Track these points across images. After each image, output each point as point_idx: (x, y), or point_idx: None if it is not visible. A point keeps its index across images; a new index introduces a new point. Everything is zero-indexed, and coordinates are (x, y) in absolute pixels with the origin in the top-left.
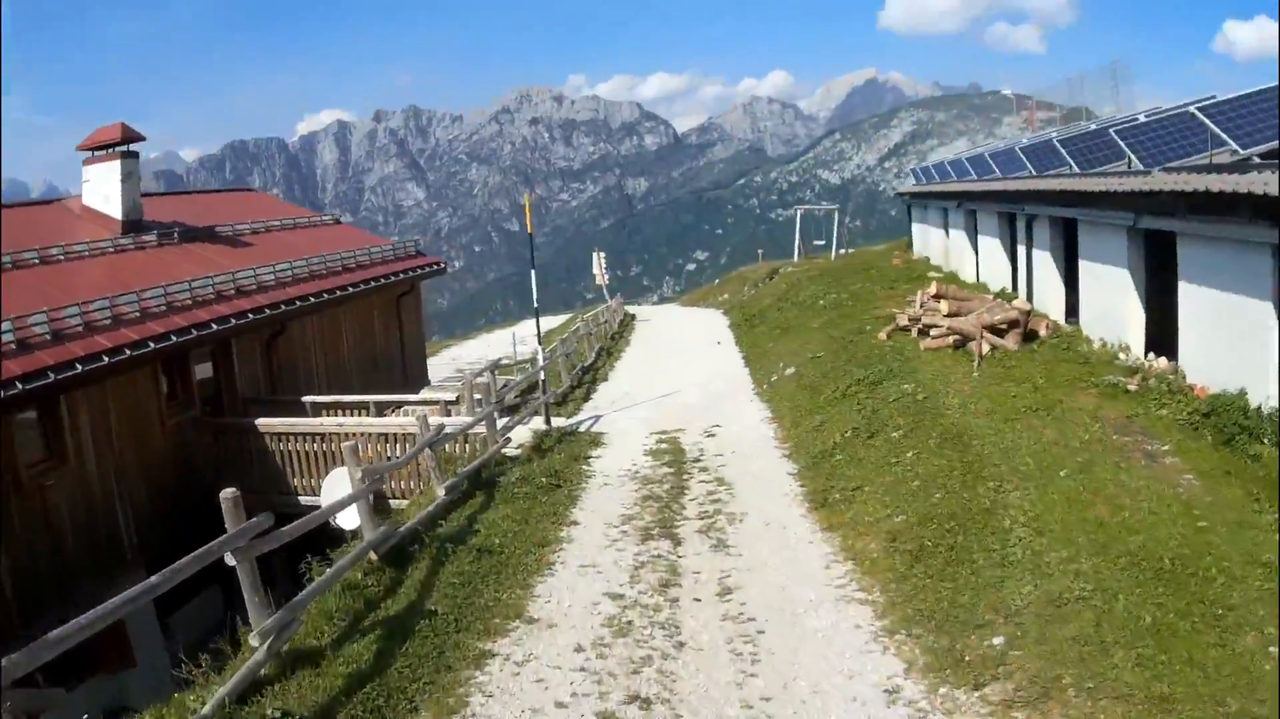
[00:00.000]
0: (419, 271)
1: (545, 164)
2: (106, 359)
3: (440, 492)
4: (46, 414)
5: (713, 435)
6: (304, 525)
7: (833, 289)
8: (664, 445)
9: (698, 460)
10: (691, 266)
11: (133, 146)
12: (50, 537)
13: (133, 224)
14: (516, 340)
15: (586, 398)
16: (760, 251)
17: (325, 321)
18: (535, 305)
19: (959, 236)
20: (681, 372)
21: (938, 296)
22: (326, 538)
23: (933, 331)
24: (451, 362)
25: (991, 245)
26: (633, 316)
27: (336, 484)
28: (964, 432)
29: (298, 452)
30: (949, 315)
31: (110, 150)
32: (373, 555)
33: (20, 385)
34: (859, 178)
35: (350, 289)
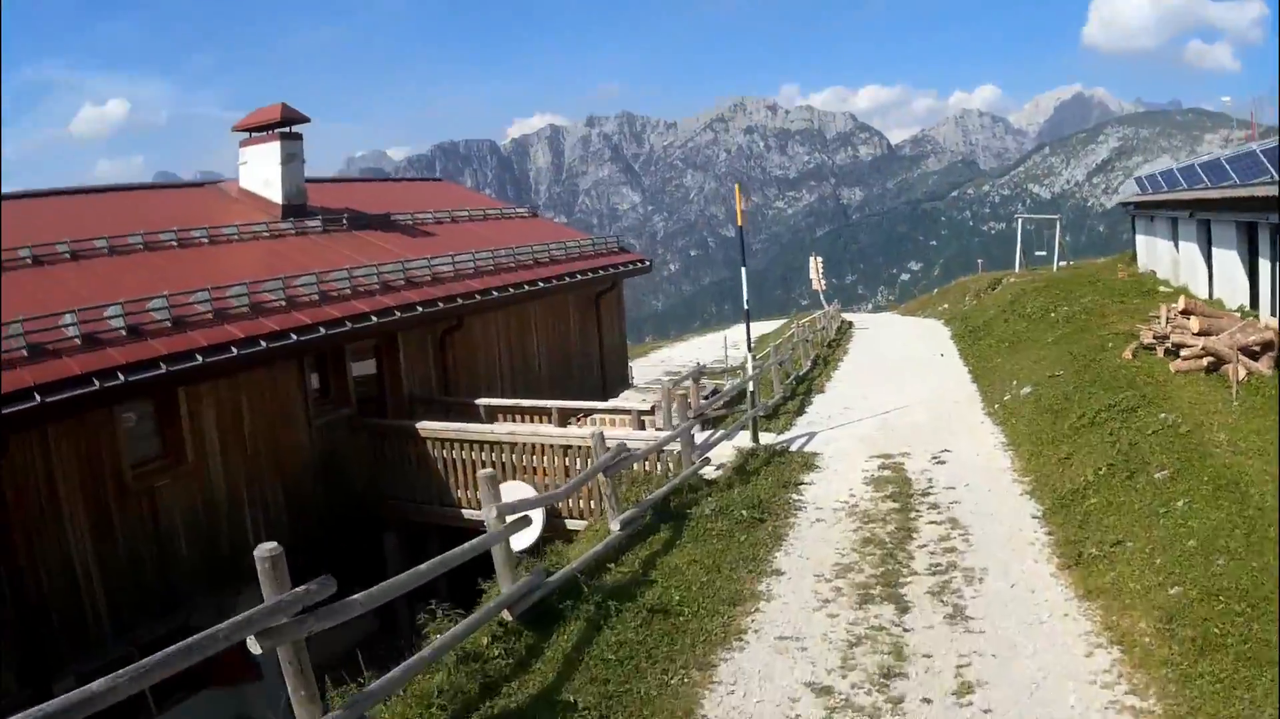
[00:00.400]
0: (620, 269)
1: (761, 172)
2: (236, 350)
3: (614, 526)
4: (161, 408)
5: (941, 462)
6: (434, 569)
7: (1061, 301)
8: (886, 472)
9: (926, 494)
10: (905, 277)
11: (296, 129)
12: (156, 543)
13: (294, 209)
14: (728, 344)
15: (800, 411)
16: (980, 261)
17: (512, 319)
18: (746, 306)
19: (1189, 249)
20: (904, 385)
21: (1186, 313)
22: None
23: (1183, 352)
24: (660, 364)
25: (1228, 258)
26: (850, 324)
27: (512, 497)
28: (1240, 477)
29: (463, 460)
30: (1199, 334)
31: (269, 131)
32: (506, 614)
33: (122, 377)
34: (1068, 193)
35: (540, 284)
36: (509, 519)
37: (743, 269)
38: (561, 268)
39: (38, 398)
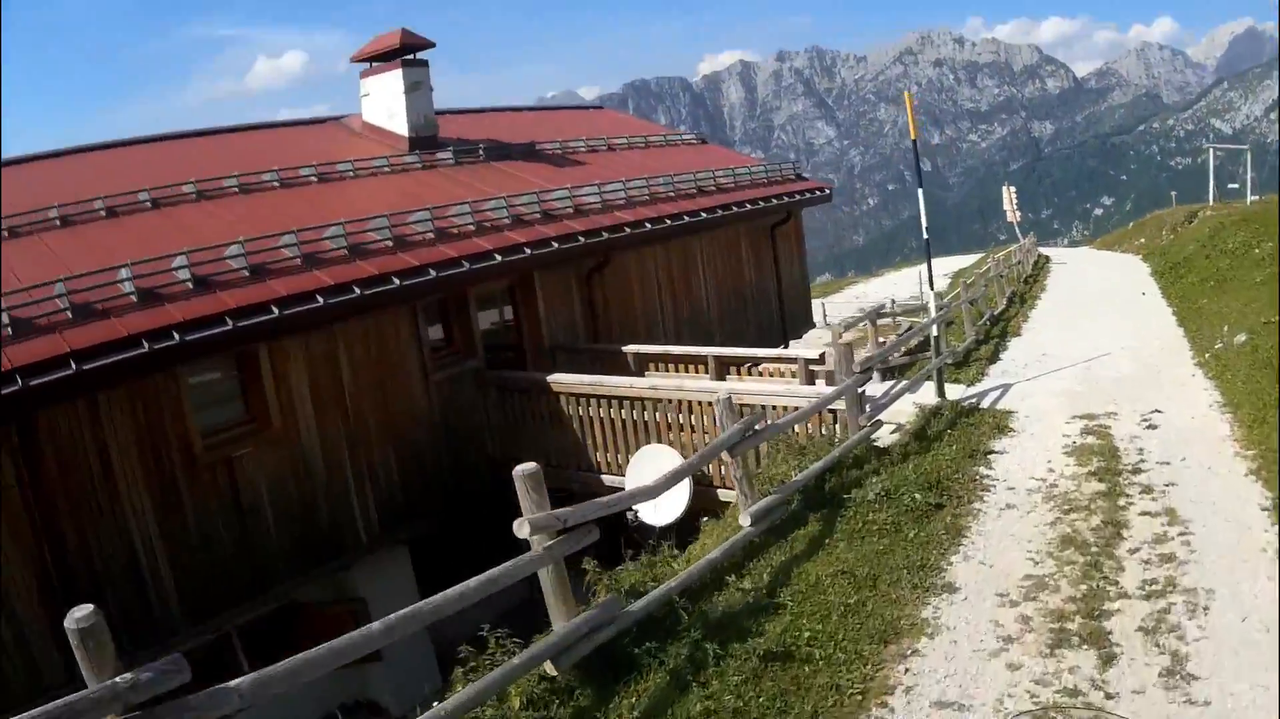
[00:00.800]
0: (798, 197)
1: (952, 105)
2: (322, 300)
3: (745, 521)
4: (241, 368)
5: (1153, 426)
6: (453, 603)
7: (1264, 236)
8: (1090, 439)
9: (1136, 471)
10: (1099, 211)
11: (421, 55)
12: (238, 520)
13: (423, 140)
14: (923, 279)
15: (994, 358)
16: (1173, 194)
17: (674, 255)
18: (925, 235)
19: None
20: (1106, 329)
21: None
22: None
23: None
24: (855, 300)
25: None
26: (1047, 259)
27: (645, 465)
28: None
29: (601, 418)
30: None
31: (390, 60)
32: (549, 667)
33: (178, 336)
34: (1249, 128)
35: (703, 215)
36: (553, 545)
37: (919, 191)
38: (728, 197)
39: (74, 365)
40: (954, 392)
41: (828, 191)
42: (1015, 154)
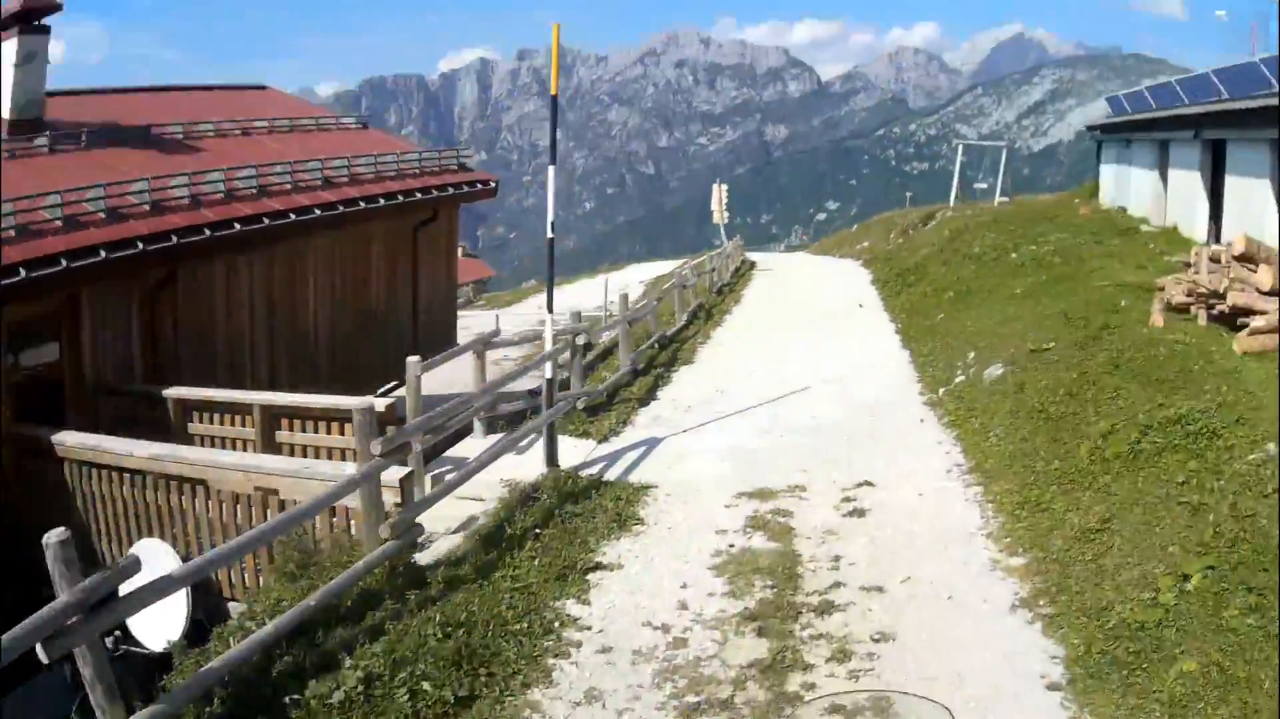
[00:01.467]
0: (450, 192)
1: (687, 107)
2: None
3: None
4: None
5: (860, 512)
6: None
7: (1021, 240)
8: (759, 541)
9: (825, 610)
10: (822, 216)
11: (48, 20)
12: None
13: (26, 124)
14: (608, 289)
15: (649, 396)
16: (909, 194)
17: (276, 263)
18: (550, 234)
19: (1186, 179)
20: (808, 353)
21: (1246, 258)
22: None
23: (1253, 322)
24: (538, 312)
25: (1253, 191)
26: (752, 264)
27: (145, 564)
28: None
29: (102, 494)
30: (1271, 294)
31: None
32: None
33: None
34: (996, 134)
35: (318, 212)
36: None
37: (550, 169)
38: (361, 190)
39: None
40: (577, 452)
41: (492, 185)
42: (744, 157)
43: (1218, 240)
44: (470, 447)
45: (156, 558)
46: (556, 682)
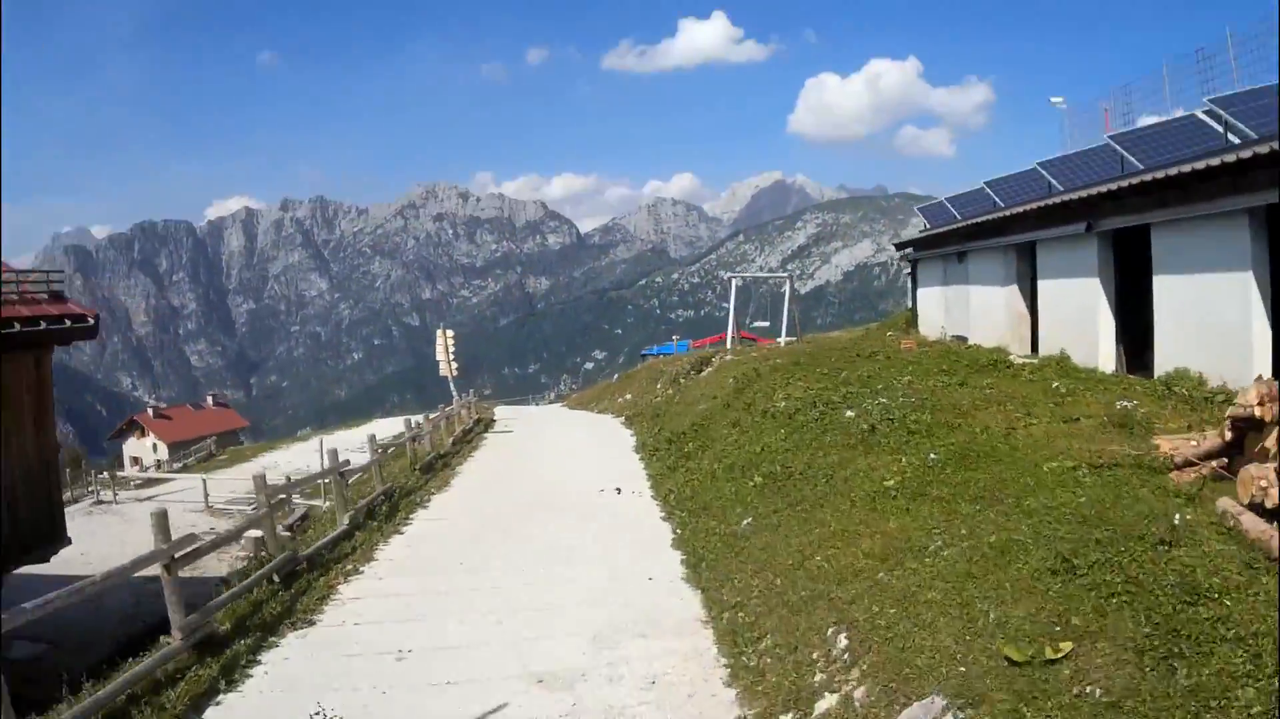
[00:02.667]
0: (44, 326)
1: (448, 260)
2: None
3: None
4: None
5: None
6: None
7: (848, 387)
8: None
9: None
10: (589, 365)
11: None
12: None
13: None
14: (324, 451)
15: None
16: (675, 337)
17: None
18: None
19: (1074, 292)
20: (526, 589)
21: None
22: None
23: None
24: (264, 469)
25: (1205, 293)
26: (490, 424)
27: None
28: None
29: None
30: None
31: None
32: None
33: None
34: (761, 279)
35: None
36: None
37: None
38: None
39: None
40: None
41: (91, 322)
42: (507, 309)
43: (1133, 369)
44: None
45: None
46: None
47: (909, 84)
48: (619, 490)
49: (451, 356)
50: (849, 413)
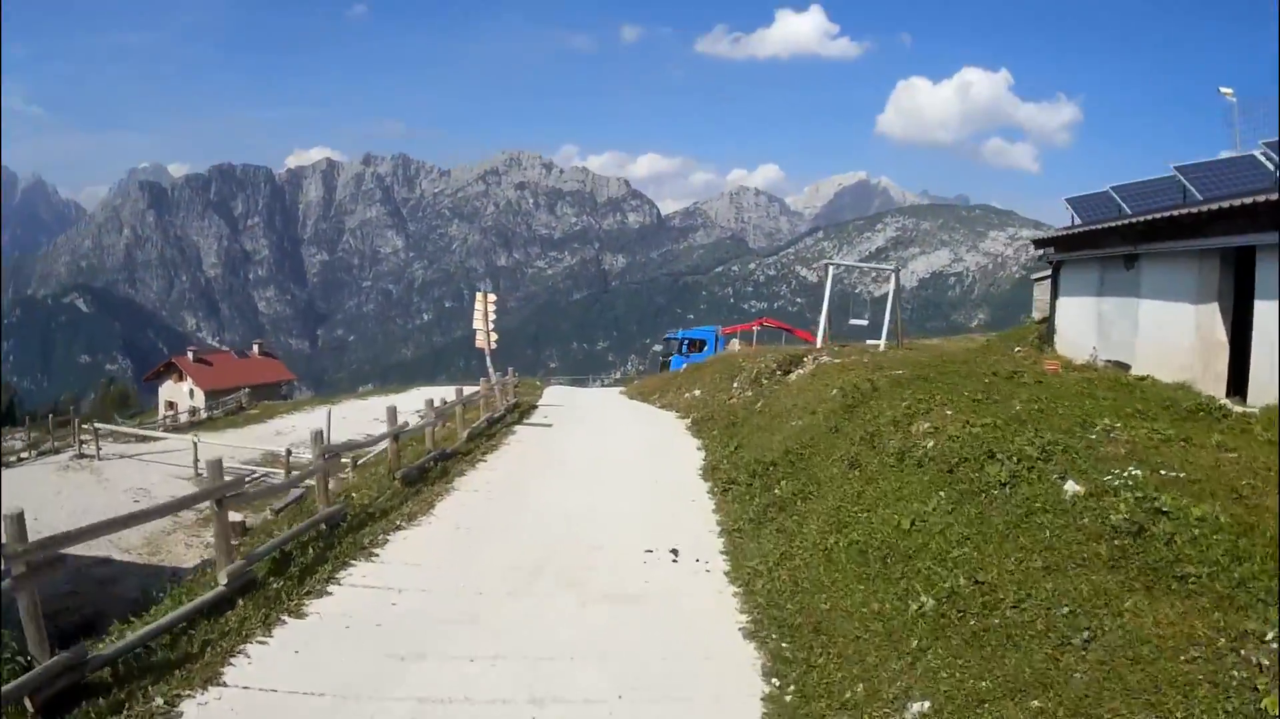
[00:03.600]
0: None
1: (526, 229)
2: None
3: None
4: None
5: None
6: None
7: (1039, 430)
8: None
9: None
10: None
11: None
12: None
13: None
14: (332, 420)
15: None
16: (756, 330)
17: None
18: None
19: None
20: None
21: None
22: None
23: None
24: (270, 439)
25: None
26: (528, 411)
27: None
28: None
29: None
30: None
31: None
32: None
33: None
34: (837, 278)
35: None
36: None
37: None
38: None
39: None
40: None
41: None
42: (581, 284)
43: None
44: None
45: None
46: None
47: (999, 95)
48: (675, 555)
49: (491, 326)
50: (1070, 486)
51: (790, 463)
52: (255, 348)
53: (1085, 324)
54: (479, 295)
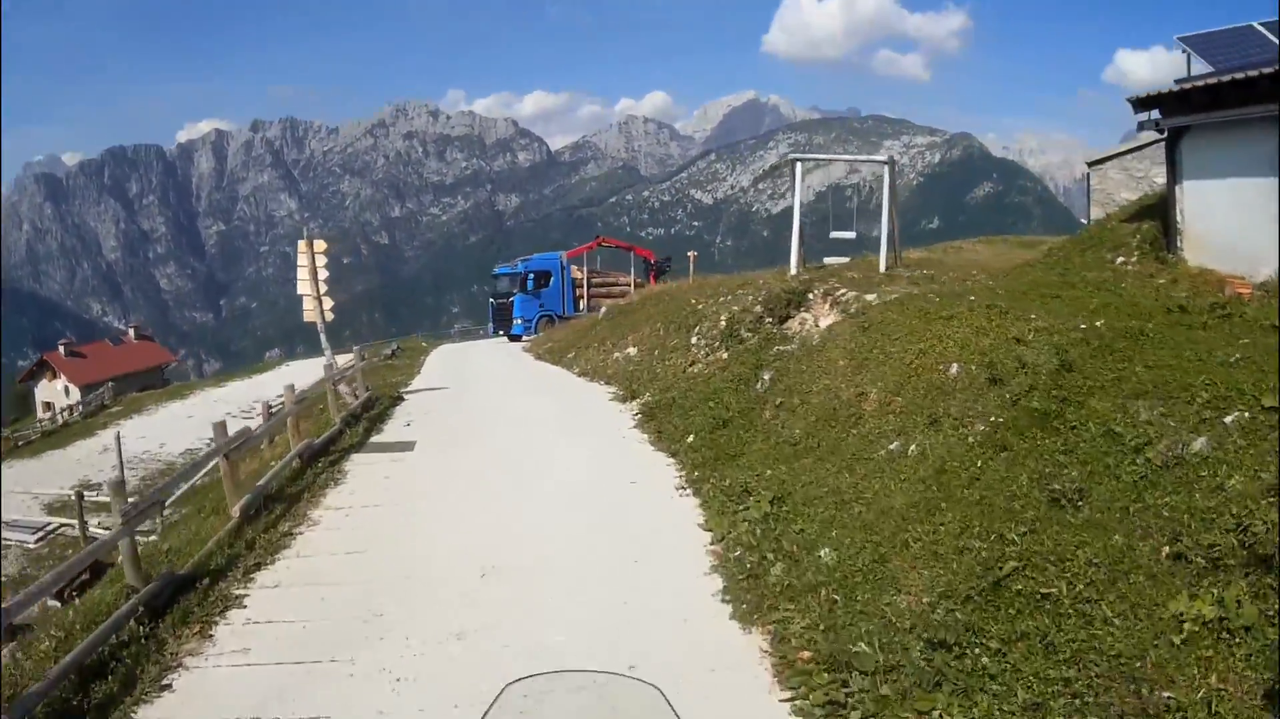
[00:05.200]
0: None
1: (418, 178)
2: None
3: None
4: None
5: None
6: None
7: None
8: None
9: None
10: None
11: None
12: None
13: None
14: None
15: None
16: (692, 255)
17: None
18: None
19: None
20: None
21: None
22: None
23: None
24: (99, 455)
25: None
26: (392, 404)
27: None
28: None
29: None
30: None
31: None
32: None
33: None
34: (732, 198)
35: None
36: None
37: None
38: None
39: None
40: None
41: None
42: (477, 227)
43: None
44: None
45: None
46: None
47: (885, 8)
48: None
49: (322, 291)
50: None
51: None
52: (131, 332)
53: (1240, 219)
54: (301, 245)
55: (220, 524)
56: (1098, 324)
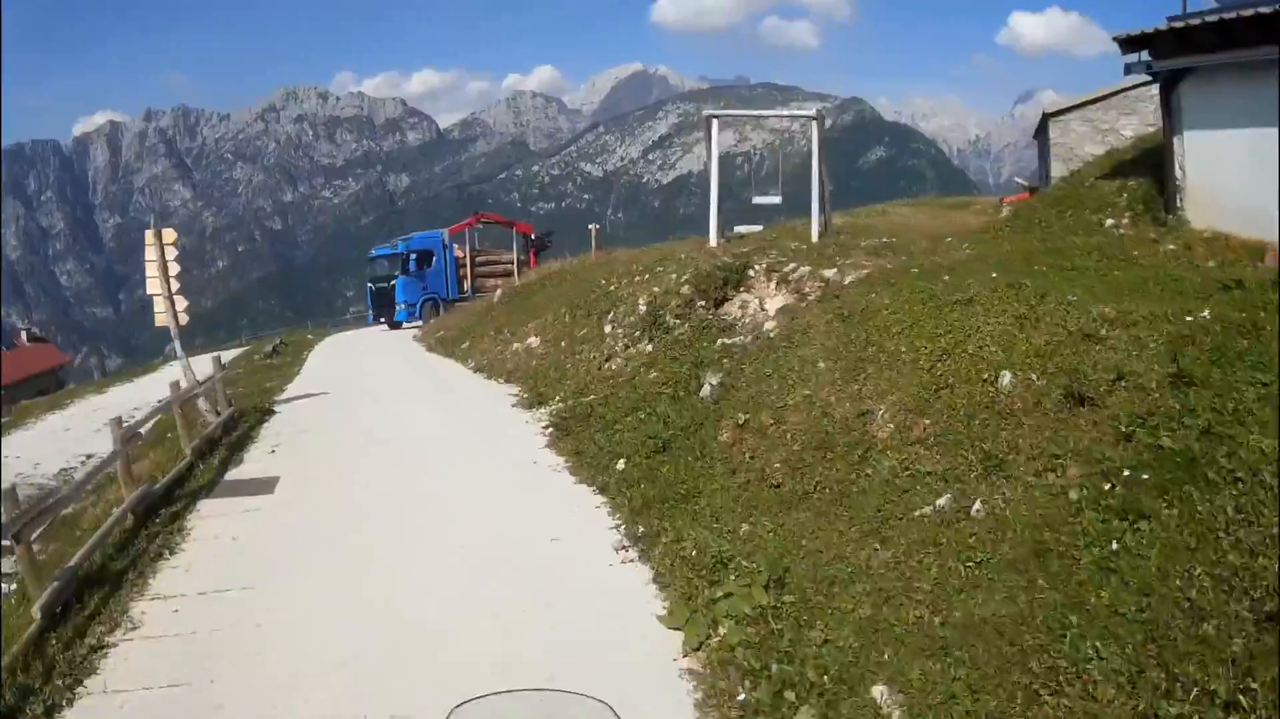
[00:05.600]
0: None
1: (309, 161)
2: None
3: None
4: None
5: None
6: None
7: None
8: None
9: None
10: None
11: None
12: None
13: None
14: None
15: None
16: (593, 228)
17: None
18: None
19: None
20: None
21: None
22: None
23: None
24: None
25: None
26: (254, 427)
27: None
28: None
29: None
30: None
31: None
32: None
33: None
34: (621, 170)
35: None
36: None
37: None
38: None
39: None
40: None
41: None
42: (369, 208)
43: None
44: None
45: None
46: None
47: None
48: None
49: (173, 289)
50: None
51: None
52: (23, 334)
53: (1249, 173)
54: (149, 236)
55: (21, 628)
56: (1204, 314)
